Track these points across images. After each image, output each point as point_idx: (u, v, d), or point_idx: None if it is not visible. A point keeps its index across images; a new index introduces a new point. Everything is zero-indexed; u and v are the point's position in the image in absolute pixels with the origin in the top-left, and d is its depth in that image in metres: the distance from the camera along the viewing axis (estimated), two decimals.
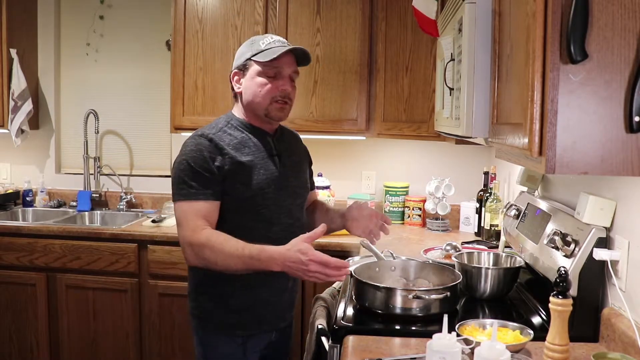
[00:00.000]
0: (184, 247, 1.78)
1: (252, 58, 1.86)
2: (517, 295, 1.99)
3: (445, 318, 1.24)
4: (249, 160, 1.85)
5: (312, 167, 2.20)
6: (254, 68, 1.86)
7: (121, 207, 3.72)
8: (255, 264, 1.69)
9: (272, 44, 1.86)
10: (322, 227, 1.71)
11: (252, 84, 1.87)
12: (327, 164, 3.55)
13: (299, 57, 1.92)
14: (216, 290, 1.88)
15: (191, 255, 1.77)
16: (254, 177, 1.84)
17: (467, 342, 1.38)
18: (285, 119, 1.92)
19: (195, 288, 1.94)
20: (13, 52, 3.55)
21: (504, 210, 2.28)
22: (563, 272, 1.36)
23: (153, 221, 3.28)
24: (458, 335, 1.40)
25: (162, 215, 3.38)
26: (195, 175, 1.79)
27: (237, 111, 1.95)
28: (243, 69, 1.89)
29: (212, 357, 1.91)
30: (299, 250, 1.62)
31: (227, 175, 1.81)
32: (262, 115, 1.88)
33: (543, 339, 1.39)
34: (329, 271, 1.60)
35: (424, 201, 3.40)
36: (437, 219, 3.32)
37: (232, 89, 1.95)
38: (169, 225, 3.23)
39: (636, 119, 1.05)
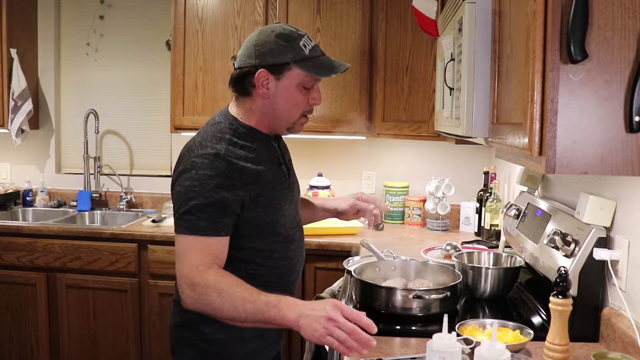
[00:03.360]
0: (182, 286, 1.48)
1: (294, 64, 1.54)
2: (517, 295, 1.99)
3: (445, 318, 1.24)
4: (266, 177, 1.57)
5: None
6: (295, 75, 1.55)
7: (121, 207, 3.72)
8: (270, 312, 1.38)
9: (314, 50, 1.57)
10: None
11: (287, 94, 1.56)
12: (327, 164, 3.54)
13: None
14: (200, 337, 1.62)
15: (190, 297, 1.47)
16: (273, 196, 1.59)
17: (467, 342, 1.38)
18: None
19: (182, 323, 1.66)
20: (13, 52, 3.55)
21: (504, 210, 2.27)
22: (563, 272, 1.36)
23: (153, 221, 3.28)
24: (458, 335, 1.40)
25: (162, 215, 3.37)
26: (206, 206, 1.47)
27: (241, 113, 1.61)
28: (278, 71, 1.54)
29: None
30: (327, 302, 1.36)
31: (248, 201, 1.52)
32: (284, 128, 1.62)
33: (543, 339, 1.39)
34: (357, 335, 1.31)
35: (424, 201, 3.40)
36: (437, 218, 3.31)
37: (247, 86, 1.57)
38: (169, 225, 3.22)
39: (636, 118, 1.05)
